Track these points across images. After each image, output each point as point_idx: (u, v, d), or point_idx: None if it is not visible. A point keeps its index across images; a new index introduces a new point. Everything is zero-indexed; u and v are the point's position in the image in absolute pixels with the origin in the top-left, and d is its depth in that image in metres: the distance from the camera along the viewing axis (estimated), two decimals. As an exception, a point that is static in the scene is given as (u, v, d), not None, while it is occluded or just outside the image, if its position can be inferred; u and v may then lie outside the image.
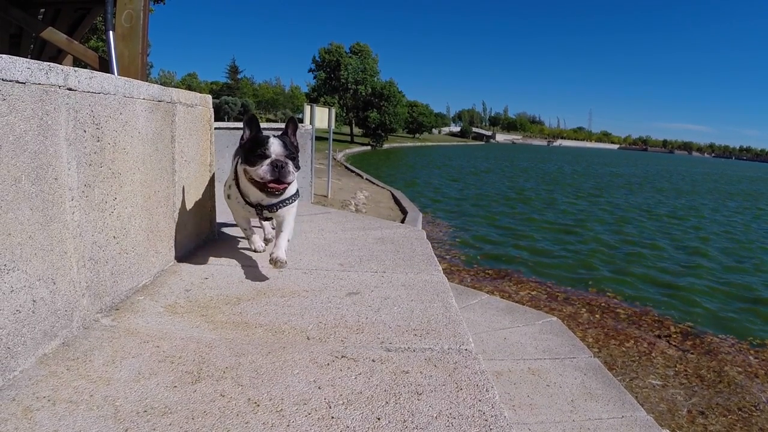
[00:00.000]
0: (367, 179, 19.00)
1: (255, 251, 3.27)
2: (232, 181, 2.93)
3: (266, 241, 3.45)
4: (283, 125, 2.86)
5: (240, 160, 2.73)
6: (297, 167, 2.64)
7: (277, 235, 2.89)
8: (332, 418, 1.56)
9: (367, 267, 3.12)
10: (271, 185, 2.58)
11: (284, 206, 2.81)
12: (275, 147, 2.56)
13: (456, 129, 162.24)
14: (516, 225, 13.75)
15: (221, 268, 2.98)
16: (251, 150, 2.59)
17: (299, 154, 2.75)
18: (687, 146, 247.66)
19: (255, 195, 2.73)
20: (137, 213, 2.49)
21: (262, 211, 2.82)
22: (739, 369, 5.47)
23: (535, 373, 3.69)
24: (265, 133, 2.69)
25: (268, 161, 2.54)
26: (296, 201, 2.92)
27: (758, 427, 4.32)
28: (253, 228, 3.32)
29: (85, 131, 2.00)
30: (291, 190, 2.78)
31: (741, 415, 4.48)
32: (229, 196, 3.00)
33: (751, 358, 5.86)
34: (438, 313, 2.39)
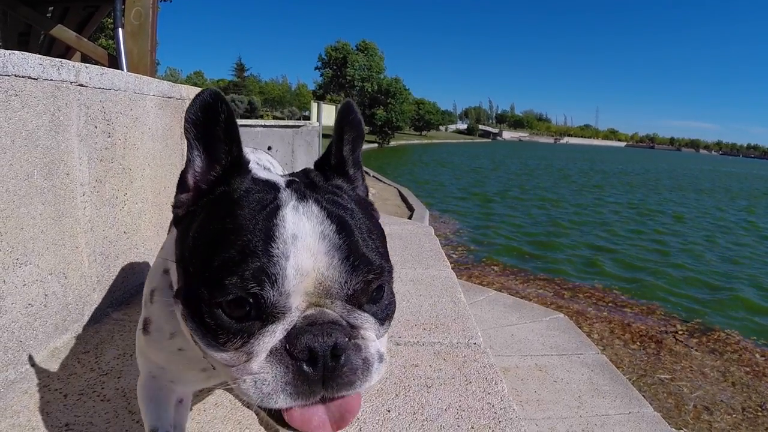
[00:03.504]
0: (374, 176, 18.99)
1: None
2: (165, 290, 1.05)
3: None
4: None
5: (178, 281, 0.91)
6: (388, 317, 0.87)
7: None
8: (342, 410, 1.57)
9: (375, 263, 3.13)
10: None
11: None
12: (318, 272, 0.76)
13: (463, 126, 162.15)
14: (522, 223, 13.72)
15: (230, 264, 2.99)
16: (210, 276, 0.77)
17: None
18: (694, 144, 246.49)
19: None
20: (147, 208, 2.51)
21: None
22: (747, 369, 5.45)
23: (542, 369, 3.69)
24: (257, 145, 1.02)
25: (278, 341, 0.76)
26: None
27: (764, 427, 4.30)
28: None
29: (96, 127, 2.02)
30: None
31: (746, 414, 4.46)
32: (145, 327, 1.08)
33: (757, 356, 5.83)
34: (447, 307, 2.40)
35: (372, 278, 0.79)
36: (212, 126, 0.86)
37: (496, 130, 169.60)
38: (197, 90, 3.04)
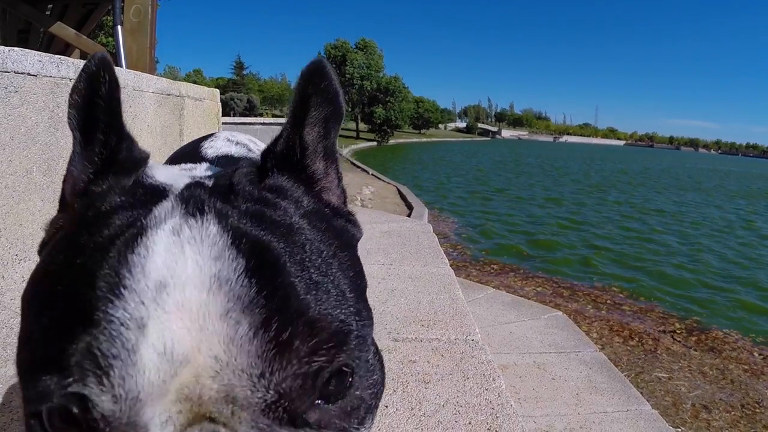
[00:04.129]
0: (373, 175, 18.99)
1: None
2: None
3: None
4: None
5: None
6: (368, 414, 0.50)
7: None
8: (340, 406, 1.57)
9: (374, 259, 3.13)
10: None
11: None
12: (206, 356, 0.39)
13: (462, 125, 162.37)
14: (522, 221, 13.73)
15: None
16: (24, 358, 0.47)
17: None
18: (693, 143, 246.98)
19: None
20: (146, 205, 2.51)
21: None
22: (745, 367, 5.46)
23: (540, 366, 3.70)
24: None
25: None
26: None
27: (762, 425, 4.31)
28: None
29: (95, 123, 2.02)
30: None
31: (744, 412, 4.48)
32: None
33: (755, 355, 5.84)
34: (445, 304, 2.40)
35: (320, 362, 0.42)
36: (93, 107, 0.55)
37: (495, 129, 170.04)
38: (196, 87, 3.05)
